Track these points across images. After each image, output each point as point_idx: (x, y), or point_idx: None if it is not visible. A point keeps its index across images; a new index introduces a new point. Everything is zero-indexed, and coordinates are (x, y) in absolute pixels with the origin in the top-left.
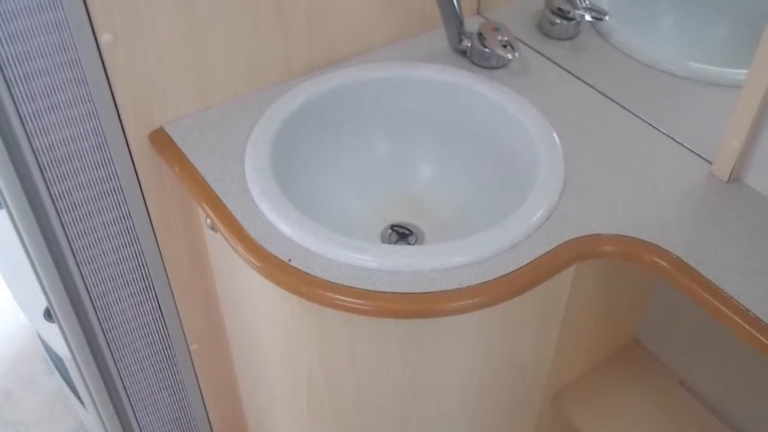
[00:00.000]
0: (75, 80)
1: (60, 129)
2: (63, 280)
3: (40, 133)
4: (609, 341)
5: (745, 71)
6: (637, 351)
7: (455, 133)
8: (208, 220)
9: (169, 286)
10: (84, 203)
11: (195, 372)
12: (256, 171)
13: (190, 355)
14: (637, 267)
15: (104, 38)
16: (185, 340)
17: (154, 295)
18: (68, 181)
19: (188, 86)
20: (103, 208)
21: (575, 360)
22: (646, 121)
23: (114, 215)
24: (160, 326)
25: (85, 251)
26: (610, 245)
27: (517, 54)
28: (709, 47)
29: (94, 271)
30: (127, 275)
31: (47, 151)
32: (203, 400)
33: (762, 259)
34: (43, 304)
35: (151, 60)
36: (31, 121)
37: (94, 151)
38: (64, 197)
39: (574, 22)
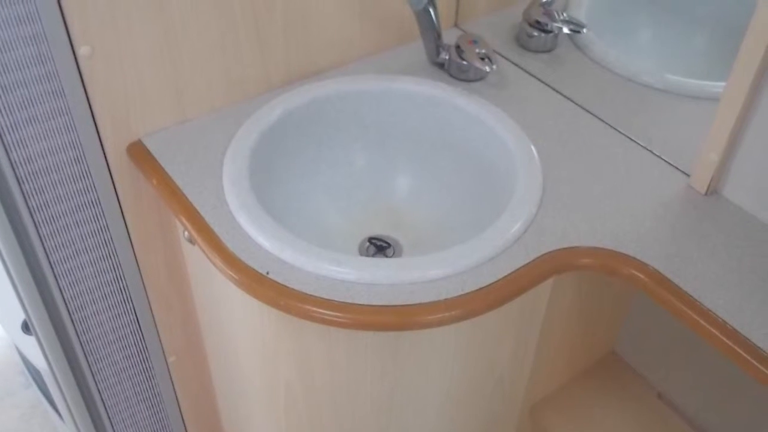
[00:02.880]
0: (53, 93)
1: (38, 142)
2: (41, 292)
3: (18, 145)
4: (587, 353)
5: (723, 84)
6: (615, 363)
7: (433, 145)
8: (186, 233)
9: (147, 298)
10: (62, 216)
11: (173, 384)
12: (234, 183)
13: (168, 367)
14: (615, 279)
15: (82, 51)
16: (163, 352)
17: (131, 307)
18: (46, 193)
19: (166, 99)
20: (81, 221)
21: (553, 372)
22: (623, 134)
23: (92, 228)
24: (138, 339)
25: (63, 264)
26: (587, 258)
27: (494, 66)
28: (686, 60)
29: (72, 284)
30: (105, 288)
31: (25, 163)
32: (181, 413)
33: (739, 272)
34: (21, 316)
35: (128, 73)
36: (9, 134)
37: (72, 163)
38: (42, 210)
39: (551, 34)
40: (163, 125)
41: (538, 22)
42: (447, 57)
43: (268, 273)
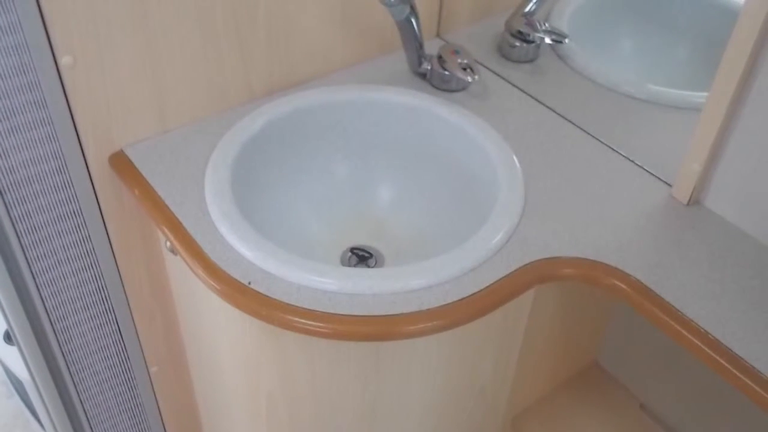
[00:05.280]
0: (34, 103)
1: (20, 152)
2: (23, 302)
3: (0, 155)
4: (569, 364)
5: (705, 94)
6: (597, 374)
7: (415, 155)
8: (168, 243)
9: (129, 308)
10: (44, 226)
11: (155, 395)
12: (216, 194)
13: (150, 377)
14: (597, 290)
15: (64, 61)
16: (145, 362)
17: (113, 317)
18: (28, 203)
19: (148, 109)
20: (62, 231)
21: (535, 383)
22: (605, 144)
23: (74, 238)
24: (120, 349)
25: (44, 274)
26: (569, 268)
27: (476, 77)
28: (668, 70)
29: (53, 294)
30: (87, 298)
31: (7, 173)
32: (163, 423)
33: (722, 282)
34: (3, 326)
35: (110, 82)
36: None
37: (54, 173)
38: (24, 220)
39: (533, 44)
40: (145, 135)
41: (520, 32)
42: (429, 67)
43: (250, 283)
